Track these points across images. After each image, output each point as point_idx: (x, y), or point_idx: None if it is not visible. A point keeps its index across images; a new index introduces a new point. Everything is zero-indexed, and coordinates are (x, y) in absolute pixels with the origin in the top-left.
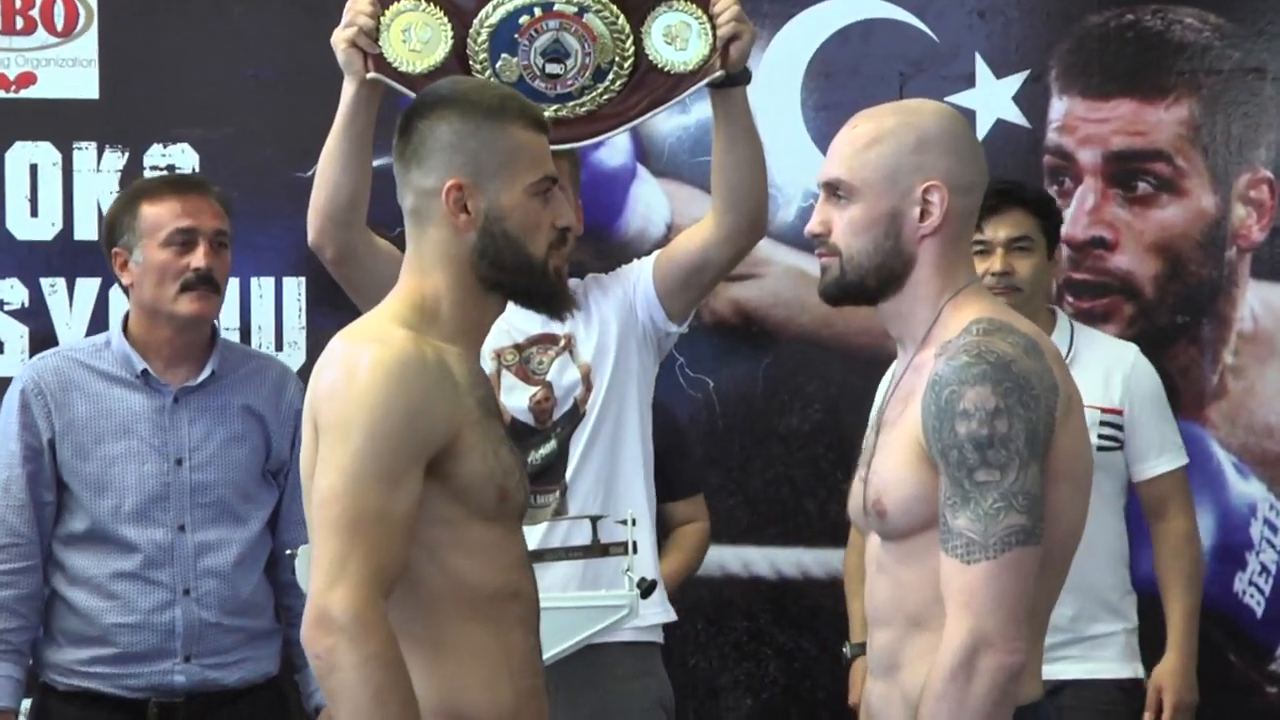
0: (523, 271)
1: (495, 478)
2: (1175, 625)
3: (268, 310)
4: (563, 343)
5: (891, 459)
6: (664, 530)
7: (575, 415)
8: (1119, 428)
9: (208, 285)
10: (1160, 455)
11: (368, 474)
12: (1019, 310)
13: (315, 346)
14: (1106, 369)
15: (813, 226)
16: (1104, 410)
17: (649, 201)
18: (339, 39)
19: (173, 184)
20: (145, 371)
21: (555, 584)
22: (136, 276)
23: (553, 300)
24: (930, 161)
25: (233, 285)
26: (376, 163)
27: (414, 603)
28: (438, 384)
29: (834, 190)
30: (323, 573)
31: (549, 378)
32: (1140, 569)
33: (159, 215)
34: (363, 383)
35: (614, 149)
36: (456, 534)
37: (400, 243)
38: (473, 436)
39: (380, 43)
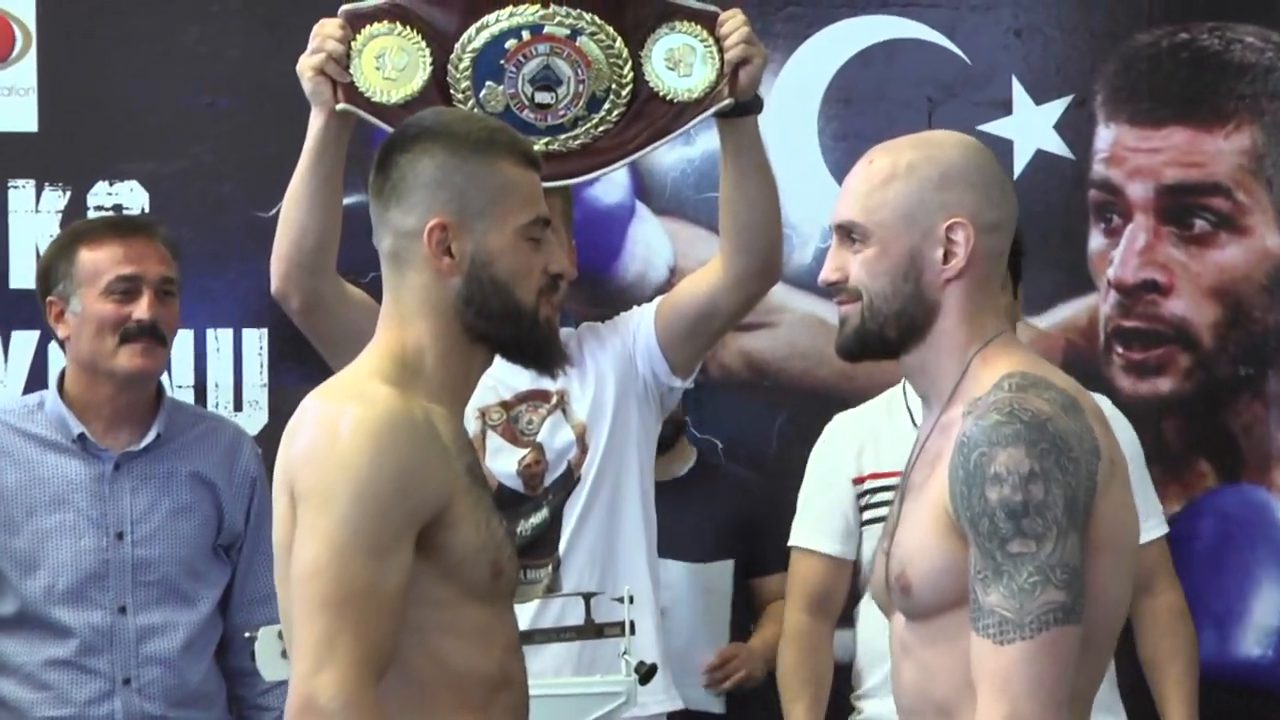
0: (511, 321)
1: (488, 551)
2: (1177, 713)
3: (225, 366)
4: (555, 400)
5: (916, 529)
6: (753, 609)
7: (569, 480)
8: None
9: (152, 337)
10: (1143, 521)
11: (355, 545)
12: None
13: (278, 406)
14: None
15: (827, 274)
16: None
17: (649, 243)
18: (305, 66)
19: (114, 226)
20: (82, 435)
21: (548, 668)
22: (74, 328)
23: (543, 354)
24: (954, 198)
25: (186, 337)
26: (346, 201)
27: (400, 691)
28: (428, 446)
29: (847, 234)
30: (307, 655)
31: (540, 439)
32: None
33: (98, 261)
34: (346, 444)
35: (610, 185)
36: (447, 616)
37: (373, 290)
38: (464, 505)
39: (351, 70)
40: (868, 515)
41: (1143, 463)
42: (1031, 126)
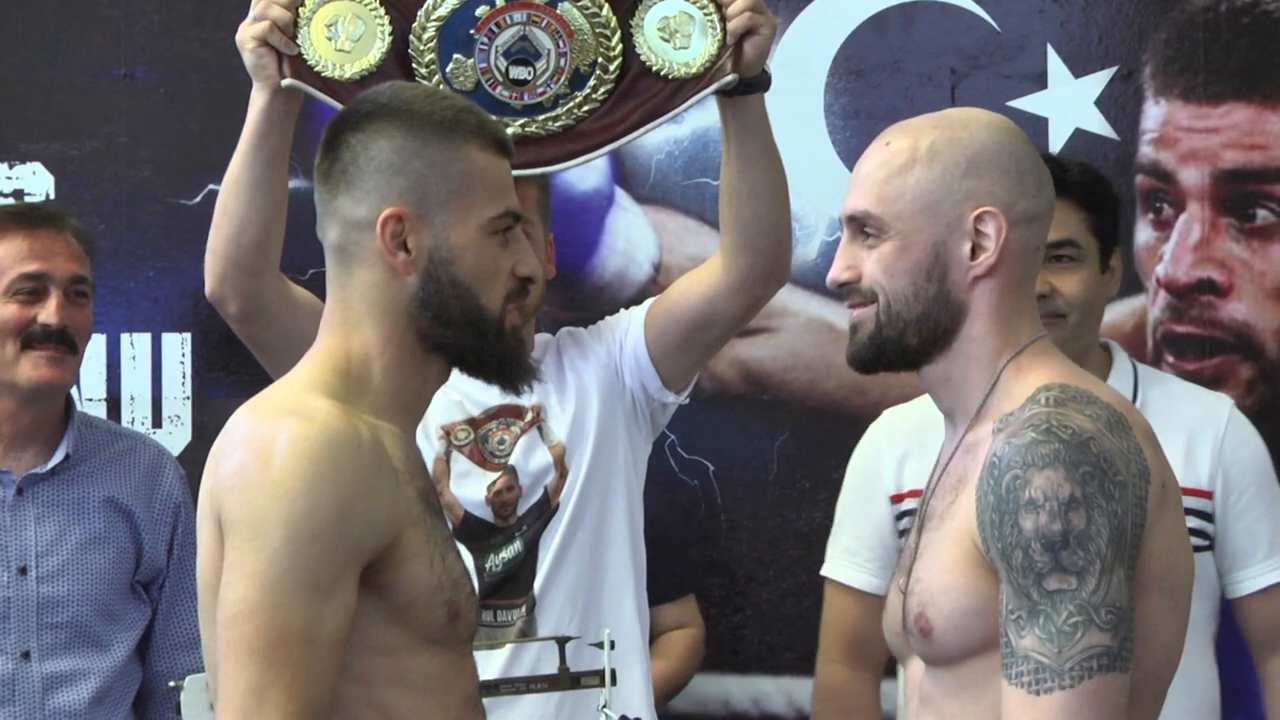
0: (472, 329)
1: (443, 591)
2: None
3: (142, 376)
4: (530, 417)
5: (938, 563)
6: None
7: (546, 509)
8: (1207, 518)
9: (61, 344)
10: (1271, 557)
11: (289, 583)
12: (1063, 348)
13: (203, 422)
14: (1189, 433)
15: (837, 274)
16: (1185, 493)
17: (630, 235)
18: (246, 36)
19: (18, 216)
20: None
21: None
22: None
23: (507, 368)
24: (983, 186)
25: (98, 343)
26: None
27: None
28: (374, 470)
29: (860, 227)
30: (234, 708)
31: (512, 461)
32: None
33: (0, 257)
34: (280, 468)
35: (586, 168)
36: (396, 664)
37: (314, 288)
38: (415, 539)
39: (299, 40)
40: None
41: (1275, 484)
42: (1070, 102)
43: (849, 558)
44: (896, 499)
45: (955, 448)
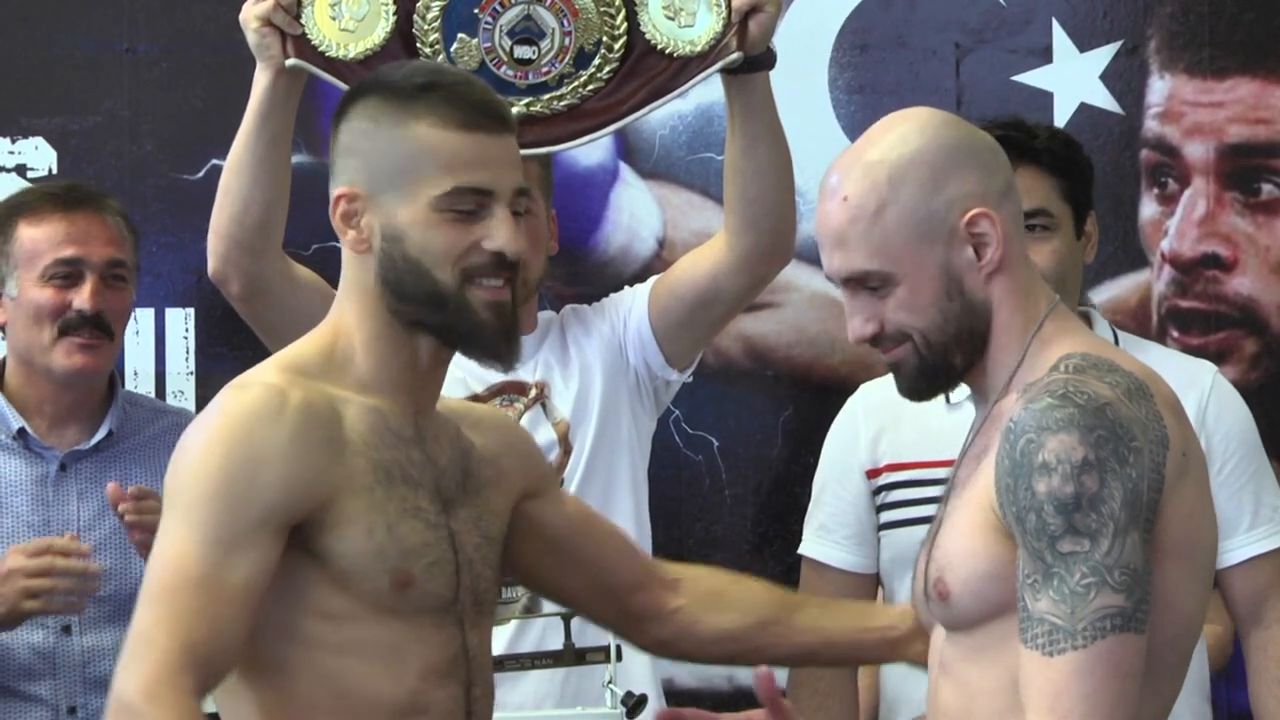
0: (430, 304)
1: (387, 559)
2: None
3: (146, 351)
4: (534, 393)
5: (958, 529)
6: None
7: None
8: None
9: (95, 329)
10: (1255, 528)
11: (193, 539)
12: None
13: (208, 399)
14: None
15: (860, 331)
16: None
17: (635, 211)
18: (250, 16)
19: (54, 198)
20: (23, 430)
21: (527, 700)
22: (10, 315)
23: (473, 340)
24: (955, 189)
25: None
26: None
27: (279, 712)
28: (300, 436)
29: (862, 284)
30: (125, 650)
31: None
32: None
33: (37, 240)
34: (205, 435)
35: (590, 145)
36: (342, 631)
37: (317, 265)
38: (354, 506)
39: (303, 20)
40: (885, 517)
41: (1259, 450)
42: (1075, 77)
43: (824, 535)
44: (873, 473)
45: (983, 419)
